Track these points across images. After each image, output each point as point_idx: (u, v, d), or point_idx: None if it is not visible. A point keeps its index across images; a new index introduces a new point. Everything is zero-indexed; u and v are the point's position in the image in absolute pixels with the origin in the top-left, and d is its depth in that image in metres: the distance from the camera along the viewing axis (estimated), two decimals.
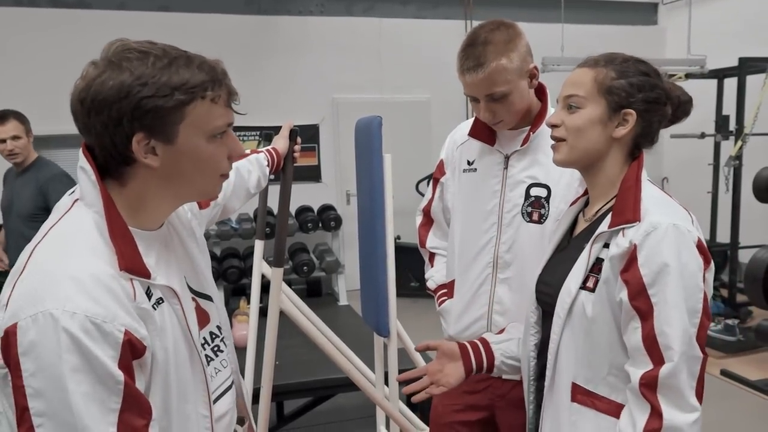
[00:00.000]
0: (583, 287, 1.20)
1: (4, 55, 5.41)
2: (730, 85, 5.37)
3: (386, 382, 2.08)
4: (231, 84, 0.98)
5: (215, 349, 1.14)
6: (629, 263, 1.13)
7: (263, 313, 1.86)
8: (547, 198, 1.62)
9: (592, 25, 6.77)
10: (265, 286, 1.87)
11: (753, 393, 3.87)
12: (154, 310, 0.94)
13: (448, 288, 1.85)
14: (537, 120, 1.64)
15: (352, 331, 3.19)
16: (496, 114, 1.59)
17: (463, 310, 1.75)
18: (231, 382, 1.18)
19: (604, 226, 1.20)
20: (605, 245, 1.19)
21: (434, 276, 1.94)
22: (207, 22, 5.86)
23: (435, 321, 1.96)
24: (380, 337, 1.99)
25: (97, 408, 0.82)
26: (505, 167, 1.68)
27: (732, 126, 5.28)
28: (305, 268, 5.41)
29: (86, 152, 0.95)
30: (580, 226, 1.34)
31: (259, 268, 2.11)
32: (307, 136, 6.13)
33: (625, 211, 1.17)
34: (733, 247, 5.18)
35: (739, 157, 5.02)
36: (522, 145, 1.64)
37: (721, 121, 5.47)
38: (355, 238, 2.20)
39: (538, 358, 1.36)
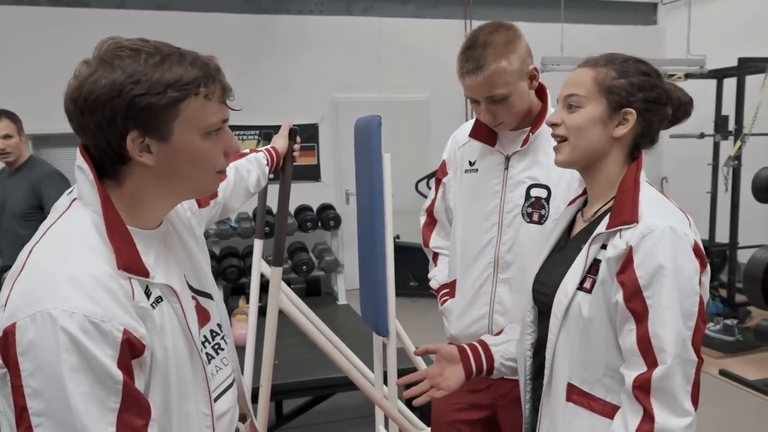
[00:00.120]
0: (580, 288, 1.20)
1: (3, 54, 5.40)
2: (730, 85, 5.38)
3: (385, 382, 2.09)
4: (225, 80, 0.98)
5: (216, 347, 1.14)
6: (625, 265, 1.13)
7: (262, 312, 1.86)
8: (547, 199, 1.62)
9: (591, 25, 6.77)
10: (264, 286, 1.87)
11: (752, 393, 3.88)
12: (153, 309, 0.94)
13: (450, 288, 1.85)
14: (537, 121, 1.64)
15: (351, 331, 3.20)
16: (497, 116, 1.59)
17: (465, 310, 1.76)
18: (232, 380, 1.18)
19: (602, 228, 1.20)
20: (603, 246, 1.19)
21: (437, 276, 1.94)
22: (206, 21, 5.86)
23: (434, 320, 1.97)
24: (379, 336, 2.00)
25: (95, 408, 0.82)
26: (506, 168, 1.68)
27: (731, 126, 5.29)
28: (304, 268, 5.41)
29: (83, 152, 0.94)
30: (578, 227, 1.33)
31: (259, 267, 2.11)
32: (307, 135, 6.12)
33: (623, 212, 1.17)
34: (732, 247, 5.18)
35: (738, 157, 5.03)
36: (522, 146, 1.64)
37: (721, 121, 5.48)
38: (355, 238, 2.20)
39: (534, 358, 1.36)
